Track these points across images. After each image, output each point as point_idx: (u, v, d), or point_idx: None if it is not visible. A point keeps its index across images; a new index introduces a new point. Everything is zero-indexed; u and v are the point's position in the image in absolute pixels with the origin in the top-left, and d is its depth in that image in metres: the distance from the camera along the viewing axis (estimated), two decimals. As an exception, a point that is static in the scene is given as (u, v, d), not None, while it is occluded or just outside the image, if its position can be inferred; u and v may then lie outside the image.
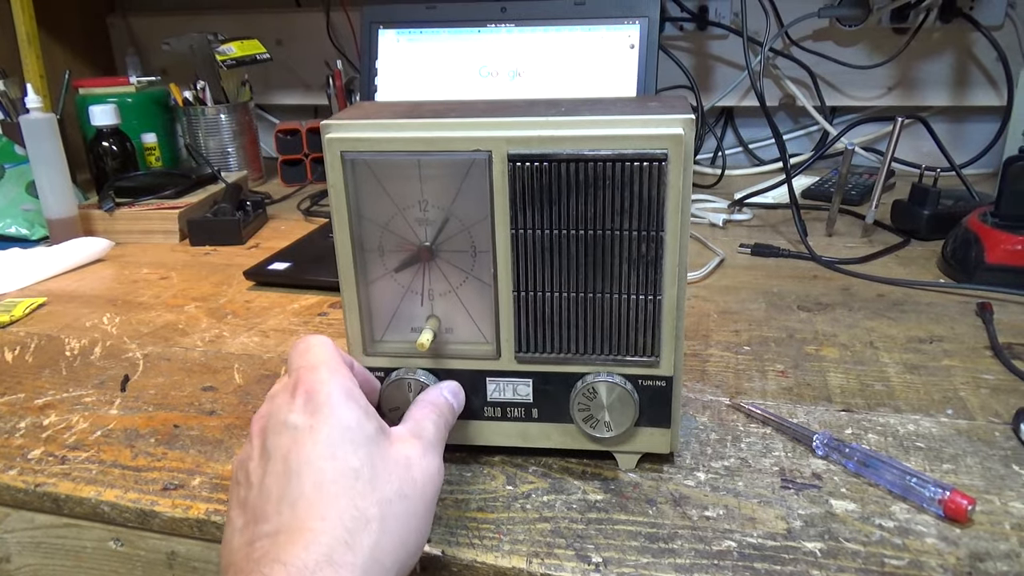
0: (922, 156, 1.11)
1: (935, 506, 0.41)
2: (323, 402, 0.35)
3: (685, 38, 1.24)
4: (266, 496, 0.33)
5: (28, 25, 1.10)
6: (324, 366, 0.37)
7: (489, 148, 0.40)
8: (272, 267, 0.82)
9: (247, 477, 0.36)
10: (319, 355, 0.38)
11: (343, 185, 0.42)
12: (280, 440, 0.35)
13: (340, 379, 0.37)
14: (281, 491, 0.33)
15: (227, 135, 1.23)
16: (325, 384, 0.36)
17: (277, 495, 0.33)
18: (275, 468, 0.34)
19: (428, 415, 0.41)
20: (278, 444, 0.35)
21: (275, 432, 0.35)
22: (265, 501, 0.33)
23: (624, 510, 0.43)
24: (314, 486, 0.33)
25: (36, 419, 0.55)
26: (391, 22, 0.91)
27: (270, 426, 0.36)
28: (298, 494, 0.33)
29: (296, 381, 0.37)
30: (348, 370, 0.38)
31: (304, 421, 0.35)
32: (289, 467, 0.33)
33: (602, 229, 0.41)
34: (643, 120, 0.40)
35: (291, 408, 0.36)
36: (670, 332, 0.43)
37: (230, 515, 0.36)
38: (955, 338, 0.63)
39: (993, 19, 1.10)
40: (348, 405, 0.36)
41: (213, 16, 1.39)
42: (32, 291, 0.81)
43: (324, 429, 0.34)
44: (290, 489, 0.33)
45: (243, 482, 0.36)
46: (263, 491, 0.34)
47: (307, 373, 0.37)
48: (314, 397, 0.35)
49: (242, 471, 0.36)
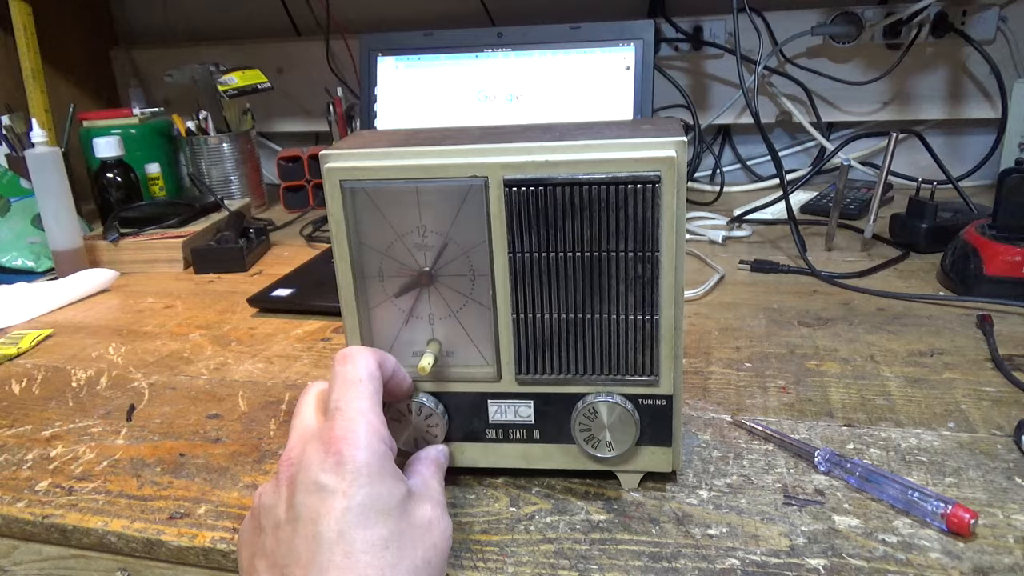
0: (919, 169, 1.12)
1: (938, 520, 0.41)
2: (355, 468, 0.35)
3: (680, 58, 1.25)
4: (295, 558, 0.34)
5: (33, 60, 1.12)
6: (361, 416, 0.37)
7: (485, 174, 0.41)
8: (275, 294, 0.82)
9: (274, 528, 0.35)
10: (356, 395, 0.38)
11: (343, 213, 0.43)
12: (310, 499, 0.34)
13: (373, 441, 0.36)
14: (310, 556, 0.33)
15: (230, 163, 1.24)
16: (359, 449, 0.35)
17: (307, 559, 0.33)
18: (304, 530, 0.34)
19: (434, 474, 0.42)
20: (307, 503, 0.34)
21: (305, 489, 0.35)
22: (294, 563, 0.33)
23: (627, 530, 0.43)
24: (344, 555, 0.33)
25: (43, 450, 0.55)
26: (389, 49, 0.93)
27: (300, 480, 0.35)
28: (327, 562, 0.33)
29: (329, 430, 0.36)
30: (383, 422, 0.38)
31: (336, 484, 0.34)
32: (319, 531, 0.33)
33: (598, 251, 0.42)
34: (636, 143, 0.40)
35: (323, 467, 0.35)
36: (669, 351, 0.43)
37: (254, 563, 0.36)
38: (956, 351, 0.63)
39: (985, 34, 1.11)
40: (381, 471, 0.35)
41: (214, 47, 1.41)
42: (39, 323, 0.82)
43: (356, 497, 0.34)
44: (320, 556, 0.33)
45: (268, 531, 0.36)
46: (292, 551, 0.34)
47: (342, 424, 0.36)
48: (346, 460, 0.35)
49: (268, 518, 0.36)
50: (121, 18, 1.51)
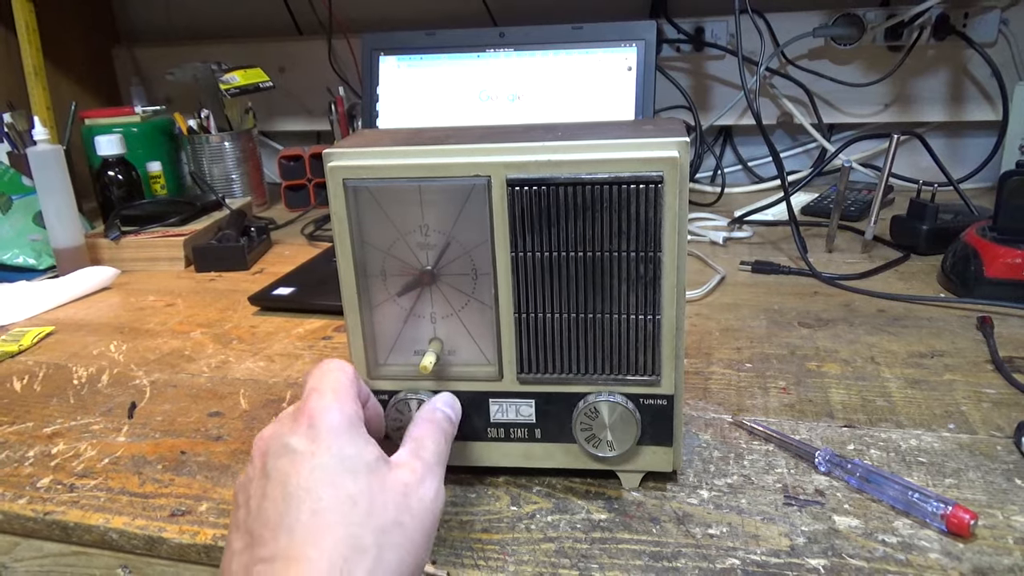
0: (920, 171, 1.12)
1: (938, 521, 0.42)
2: (325, 429, 0.36)
3: (682, 59, 1.25)
4: (264, 520, 0.34)
5: (35, 58, 1.12)
6: (332, 393, 0.38)
7: (488, 173, 0.41)
8: (277, 292, 0.82)
9: (247, 500, 0.36)
10: (332, 381, 0.38)
11: (346, 212, 0.43)
12: (279, 463, 0.35)
13: (344, 406, 0.37)
14: (279, 517, 0.33)
15: (231, 162, 1.24)
16: (329, 411, 0.36)
17: (275, 521, 0.33)
18: (273, 492, 0.34)
19: (427, 433, 0.41)
20: (277, 466, 0.35)
21: (275, 454, 0.35)
22: (263, 526, 0.34)
23: (628, 529, 0.43)
24: (311, 513, 0.33)
25: (45, 447, 0.55)
26: (392, 49, 0.93)
27: (271, 448, 0.36)
28: (295, 520, 0.33)
29: (302, 405, 0.37)
30: (356, 401, 0.39)
31: (305, 446, 0.35)
32: (288, 491, 0.34)
33: (600, 251, 0.42)
34: (639, 143, 0.40)
35: (293, 431, 0.36)
36: (670, 351, 0.43)
37: (229, 537, 0.36)
38: (956, 352, 0.63)
39: (986, 36, 1.11)
40: (349, 433, 0.36)
41: (216, 45, 1.41)
42: (40, 320, 0.82)
43: (324, 455, 0.35)
44: (288, 515, 0.33)
45: (243, 504, 0.36)
46: (261, 515, 0.34)
47: (314, 398, 0.37)
48: (316, 423, 0.36)
49: (242, 493, 0.36)
50: (123, 16, 1.51)
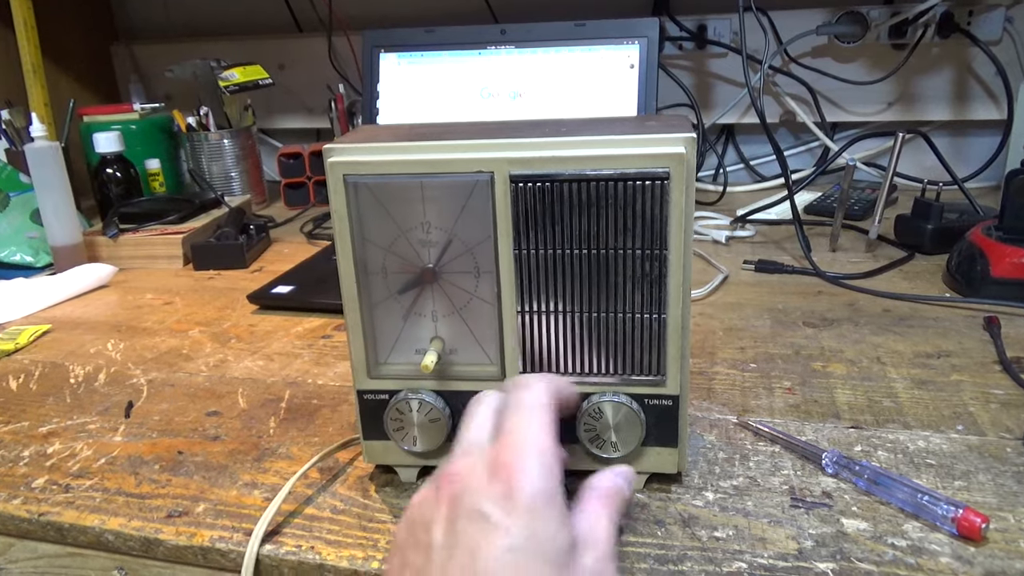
0: (924, 170, 1.11)
1: (948, 524, 0.41)
2: (524, 502, 0.33)
3: (685, 57, 1.24)
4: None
5: (33, 55, 1.12)
6: (536, 449, 0.35)
7: (491, 169, 0.41)
8: (276, 290, 0.82)
9: (428, 547, 0.34)
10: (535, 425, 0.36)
11: (346, 209, 0.42)
12: (470, 528, 0.33)
13: (546, 469, 0.34)
14: None
15: (230, 160, 1.23)
16: (529, 478, 0.34)
17: None
18: (461, 559, 0.32)
19: (605, 511, 0.38)
20: (467, 531, 0.33)
21: (467, 515, 0.33)
22: None
23: (632, 531, 0.42)
24: None
25: (40, 447, 0.55)
26: (392, 46, 0.92)
27: (463, 503, 0.34)
28: None
29: (499, 459, 0.35)
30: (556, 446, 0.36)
31: (500, 517, 0.33)
32: (476, 566, 0.32)
33: (605, 248, 0.41)
34: (644, 139, 0.40)
35: (488, 494, 0.33)
36: (675, 350, 0.43)
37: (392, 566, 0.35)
38: (963, 353, 0.62)
39: (991, 34, 1.11)
40: (548, 508, 0.34)
41: (216, 42, 1.40)
42: (37, 318, 0.81)
43: (519, 535, 0.32)
44: None
45: (422, 548, 0.34)
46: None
47: (516, 453, 0.34)
48: (515, 492, 0.33)
49: (424, 533, 0.34)
50: (122, 13, 1.50)
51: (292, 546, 0.43)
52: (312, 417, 0.57)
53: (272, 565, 0.43)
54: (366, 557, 0.42)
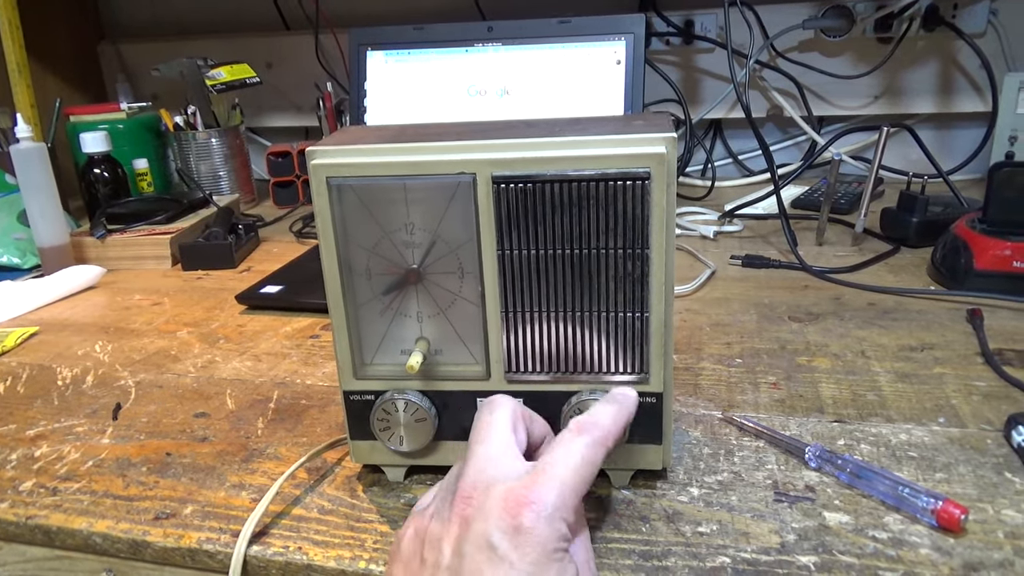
0: (910, 164, 1.12)
1: (928, 516, 0.41)
2: (534, 542, 0.33)
3: (672, 52, 1.25)
4: None
5: (18, 55, 1.11)
6: (560, 488, 0.35)
7: (473, 171, 0.41)
8: (264, 290, 0.82)
9: (434, 567, 0.35)
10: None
11: (329, 210, 0.42)
12: (477, 555, 0.33)
13: (563, 509, 0.35)
14: None
15: (218, 159, 1.23)
16: (543, 520, 0.34)
17: None
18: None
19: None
20: (474, 559, 0.33)
21: (475, 543, 0.34)
22: None
23: (617, 528, 0.43)
24: None
25: (27, 450, 0.55)
26: (379, 44, 0.92)
27: (473, 527, 0.34)
28: None
29: (523, 491, 0.35)
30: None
31: (507, 551, 0.33)
32: None
33: (588, 248, 0.41)
34: (625, 140, 0.40)
35: (498, 524, 0.34)
36: (659, 348, 0.43)
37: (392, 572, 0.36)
38: (946, 345, 0.63)
39: (975, 27, 1.11)
40: (556, 551, 0.34)
41: (203, 41, 1.40)
42: (24, 320, 0.81)
43: (524, 571, 0.33)
44: None
45: (428, 567, 0.35)
46: None
47: (540, 491, 0.35)
48: (525, 531, 0.33)
49: (430, 550, 0.35)
50: (108, 12, 1.50)
51: (280, 547, 0.43)
52: (300, 417, 0.57)
53: (260, 566, 0.43)
54: (353, 557, 0.42)
